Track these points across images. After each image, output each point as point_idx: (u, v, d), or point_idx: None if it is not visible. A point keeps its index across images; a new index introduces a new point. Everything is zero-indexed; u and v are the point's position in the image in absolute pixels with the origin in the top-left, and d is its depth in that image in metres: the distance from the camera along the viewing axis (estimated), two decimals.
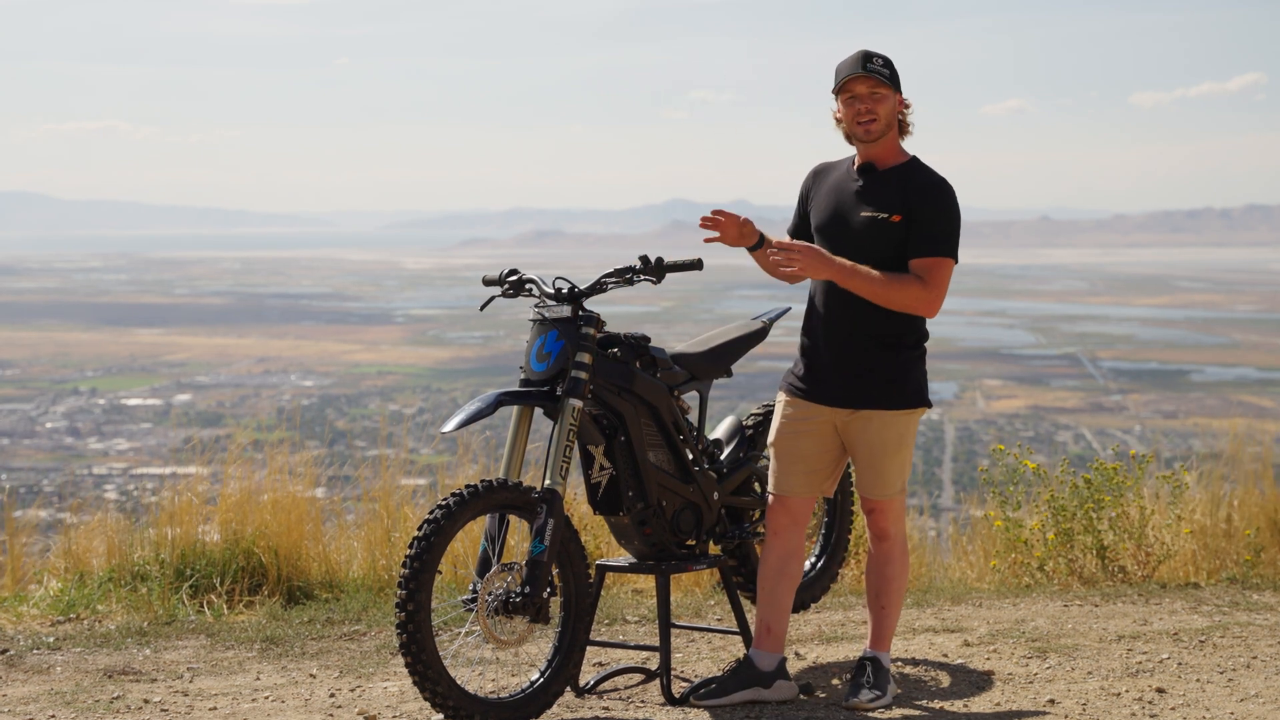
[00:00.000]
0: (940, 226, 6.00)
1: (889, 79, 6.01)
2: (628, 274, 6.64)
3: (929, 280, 5.98)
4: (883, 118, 6.03)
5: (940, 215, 6.00)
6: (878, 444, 6.19)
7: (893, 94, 6.04)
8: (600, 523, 8.81)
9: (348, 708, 6.55)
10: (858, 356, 6.18)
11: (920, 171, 6.10)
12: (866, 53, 6.03)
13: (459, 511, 6.02)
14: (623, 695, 6.70)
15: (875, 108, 6.01)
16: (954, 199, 6.04)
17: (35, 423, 57.30)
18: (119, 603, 8.58)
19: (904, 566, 6.42)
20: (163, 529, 9.02)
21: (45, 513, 10.79)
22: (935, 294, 6.00)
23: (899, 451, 6.23)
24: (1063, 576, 9.39)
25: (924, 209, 6.00)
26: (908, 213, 6.01)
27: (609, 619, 8.23)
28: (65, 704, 6.67)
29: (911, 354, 6.21)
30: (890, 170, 6.11)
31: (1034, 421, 59.03)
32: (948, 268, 6.01)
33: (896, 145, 6.15)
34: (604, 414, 6.55)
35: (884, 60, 6.02)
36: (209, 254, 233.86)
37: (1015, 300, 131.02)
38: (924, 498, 13.34)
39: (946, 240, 6.01)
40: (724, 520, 7.05)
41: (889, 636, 6.45)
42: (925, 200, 6.00)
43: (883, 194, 6.07)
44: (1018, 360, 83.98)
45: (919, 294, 5.97)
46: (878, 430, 6.18)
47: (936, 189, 6.03)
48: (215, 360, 76.90)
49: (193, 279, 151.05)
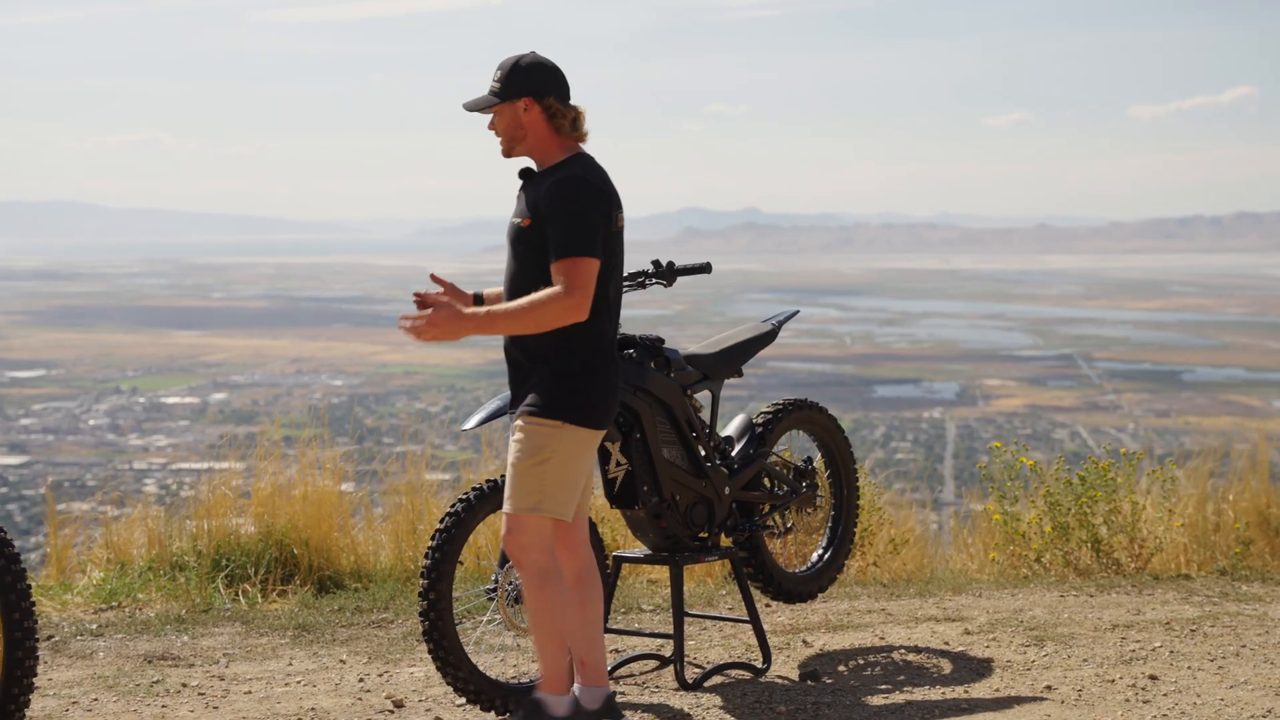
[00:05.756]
0: (565, 226, 5.36)
1: (497, 93, 5.50)
2: (641, 278, 6.65)
3: (567, 284, 5.33)
4: (501, 132, 5.55)
5: (564, 215, 5.37)
6: (520, 453, 5.47)
7: (508, 105, 5.50)
8: (617, 516, 8.80)
9: (376, 692, 6.56)
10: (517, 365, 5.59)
11: (559, 169, 5.50)
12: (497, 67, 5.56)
13: (479, 505, 6.06)
14: (638, 681, 6.70)
15: (494, 125, 5.57)
16: (579, 194, 5.40)
17: (79, 420, 57.45)
18: (158, 591, 8.59)
19: (539, 600, 5.53)
20: (200, 521, 9.05)
21: (88, 506, 10.78)
22: (578, 297, 5.32)
23: (536, 465, 5.45)
24: (1059, 568, 9.37)
25: (549, 211, 5.40)
26: (539, 216, 5.44)
27: (625, 608, 8.23)
28: (107, 688, 6.68)
29: (567, 367, 5.49)
30: (541, 173, 5.57)
31: (1032, 420, 58.95)
32: (584, 266, 5.34)
33: (554, 147, 5.55)
34: (620, 412, 6.54)
35: (501, 73, 5.52)
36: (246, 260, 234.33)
37: (1014, 304, 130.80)
38: (925, 492, 13.33)
39: (574, 239, 5.35)
40: (735, 514, 7.05)
41: (548, 678, 5.65)
42: (549, 201, 5.41)
43: (525, 198, 5.55)
44: (1016, 361, 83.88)
45: (562, 303, 5.31)
46: (523, 439, 5.48)
47: (557, 188, 5.41)
48: (250, 361, 77.05)
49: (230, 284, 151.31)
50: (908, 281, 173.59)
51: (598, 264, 5.39)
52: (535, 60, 5.53)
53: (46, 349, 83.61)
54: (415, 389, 63.31)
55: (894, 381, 74.98)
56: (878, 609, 8.25)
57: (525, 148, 5.56)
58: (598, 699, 5.71)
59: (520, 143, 5.54)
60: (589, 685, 5.72)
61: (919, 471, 12.77)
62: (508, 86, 5.49)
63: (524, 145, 5.55)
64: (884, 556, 9.59)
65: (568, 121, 5.52)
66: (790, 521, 7.36)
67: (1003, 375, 76.92)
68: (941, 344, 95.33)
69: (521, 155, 5.59)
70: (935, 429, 56.35)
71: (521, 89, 5.49)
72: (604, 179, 5.51)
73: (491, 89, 5.52)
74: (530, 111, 5.50)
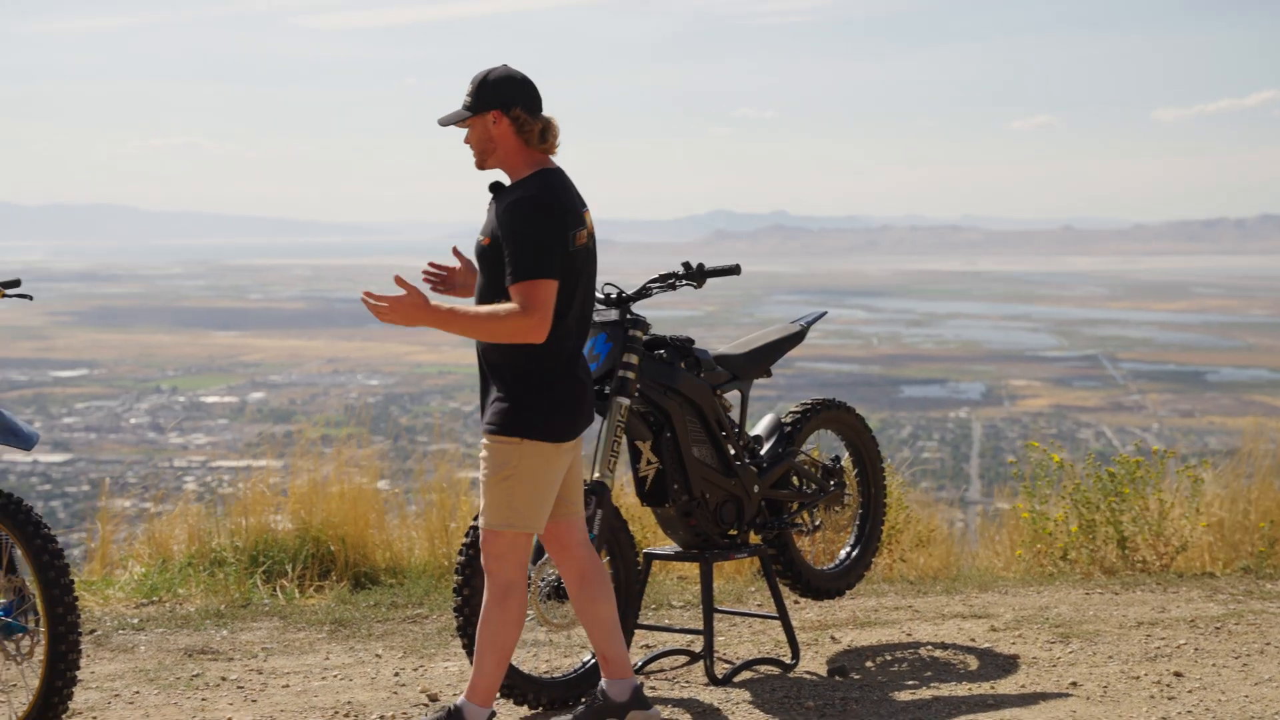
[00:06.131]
0: (520, 248, 5.27)
1: (469, 106, 5.44)
2: (671, 279, 6.65)
3: (524, 305, 5.24)
4: (472, 145, 5.50)
5: (518, 237, 5.28)
6: (487, 470, 5.43)
7: (478, 119, 5.44)
8: (648, 513, 8.80)
9: (411, 686, 6.58)
10: (486, 382, 5.50)
11: (518, 188, 5.42)
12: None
13: None
14: (669, 676, 6.70)
15: (467, 139, 5.51)
16: (533, 215, 5.31)
17: (121, 419, 57.65)
18: (198, 586, 8.63)
19: (493, 613, 5.47)
20: (238, 518, 9.08)
21: (130, 503, 10.85)
22: (535, 318, 5.23)
23: (501, 482, 5.39)
24: (1085, 566, 9.34)
25: (505, 232, 5.33)
26: (495, 236, 5.38)
27: (656, 604, 8.23)
28: (149, 681, 6.71)
29: (523, 383, 5.40)
30: (506, 189, 5.49)
31: (1057, 420, 58.69)
32: (541, 288, 5.24)
33: (521, 162, 5.48)
34: (651, 411, 6.56)
35: (472, 86, 5.46)
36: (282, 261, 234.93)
37: (1039, 305, 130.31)
38: (952, 491, 13.30)
39: (528, 261, 5.26)
40: (764, 512, 7.05)
41: (477, 688, 5.52)
42: (503, 222, 5.34)
43: (490, 215, 5.48)
44: (1042, 362, 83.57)
45: (520, 323, 5.23)
46: (487, 456, 5.43)
47: (511, 210, 5.34)
48: (287, 361, 77.20)
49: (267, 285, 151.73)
50: (933, 283, 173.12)
51: (555, 285, 5.30)
52: (505, 73, 5.47)
53: (89, 349, 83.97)
54: (449, 389, 63.34)
55: (920, 382, 74.78)
56: (905, 606, 8.24)
57: (496, 160, 5.50)
58: (625, 691, 5.69)
59: (491, 155, 5.49)
60: (614, 679, 5.69)
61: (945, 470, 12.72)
62: (477, 100, 5.44)
63: (495, 158, 5.49)
64: (911, 554, 9.58)
65: (536, 133, 5.44)
66: (818, 519, 7.36)
67: (1028, 375, 76.63)
68: (967, 345, 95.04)
69: (494, 167, 5.53)
70: (961, 429, 56.17)
71: (490, 102, 5.43)
72: (560, 197, 5.39)
73: (464, 103, 5.47)
74: (499, 124, 5.43)
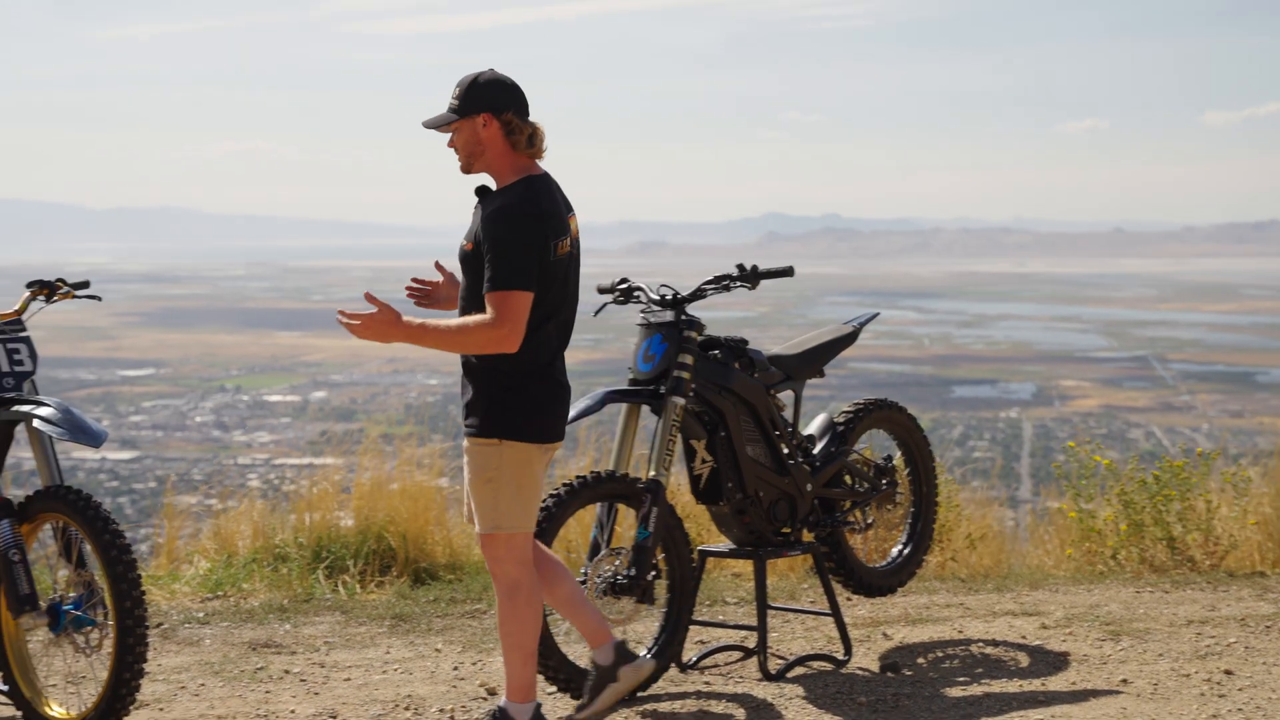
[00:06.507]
0: (498, 258, 5.18)
1: (456, 109, 5.32)
2: (725, 281, 6.65)
3: (497, 316, 5.15)
4: (459, 149, 5.36)
5: (497, 246, 5.19)
6: (468, 473, 5.39)
7: (467, 122, 5.32)
8: (702, 511, 8.80)
9: (470, 680, 6.60)
10: (466, 384, 5.40)
11: (500, 195, 5.33)
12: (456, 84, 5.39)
13: (569, 500, 6.08)
14: (723, 671, 6.70)
15: (453, 142, 5.38)
16: (513, 226, 5.22)
17: (186, 417, 58.08)
18: (262, 581, 8.68)
19: (508, 611, 5.43)
20: (301, 514, 9.13)
21: (195, 499, 10.92)
22: (507, 329, 5.15)
23: (485, 485, 5.35)
24: (1134, 565, 9.27)
25: (486, 240, 5.23)
26: (477, 243, 5.29)
27: (710, 600, 8.23)
28: (214, 673, 6.76)
29: (502, 385, 5.31)
30: (491, 194, 5.39)
31: (1107, 420, 58.27)
32: (515, 300, 5.15)
33: (508, 167, 5.37)
34: (705, 411, 6.55)
35: (460, 89, 5.34)
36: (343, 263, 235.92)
37: (1089, 307, 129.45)
38: (1002, 490, 13.22)
39: (504, 271, 5.17)
40: (817, 510, 7.03)
41: (514, 686, 5.48)
42: (485, 231, 5.25)
43: (473, 220, 5.38)
44: (1092, 363, 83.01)
45: (490, 334, 5.15)
46: (469, 459, 5.38)
47: (492, 218, 5.24)
48: (348, 360, 77.55)
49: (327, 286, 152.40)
50: (984, 284, 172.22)
51: (530, 296, 5.20)
52: (494, 77, 5.37)
53: (155, 349, 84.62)
54: None
55: (971, 382, 74.41)
56: (956, 603, 8.20)
57: (483, 164, 5.39)
58: (609, 654, 5.65)
59: (479, 159, 5.37)
60: (597, 646, 5.66)
61: (996, 470, 12.65)
62: (466, 102, 5.33)
63: (482, 161, 5.38)
64: (962, 552, 9.53)
65: (524, 138, 5.34)
66: (871, 518, 7.33)
67: (1078, 376, 76.14)
68: (1018, 345, 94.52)
69: (480, 171, 5.42)
70: (1012, 428, 55.84)
71: (480, 105, 5.32)
72: (544, 205, 5.29)
73: (451, 105, 5.36)
74: (489, 127, 5.32)
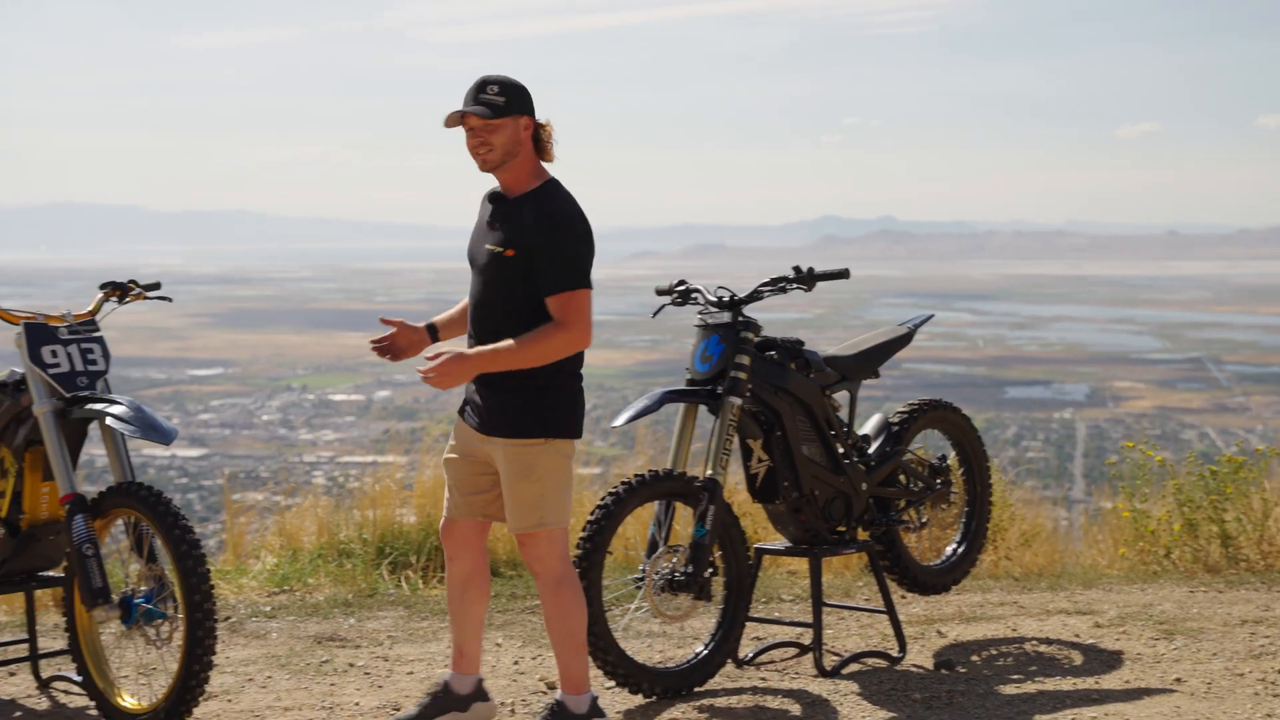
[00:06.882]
0: (560, 260, 5.17)
1: (503, 107, 5.20)
2: (782, 283, 6.63)
3: (566, 318, 5.17)
4: (498, 147, 5.22)
5: (559, 247, 5.17)
6: (509, 474, 5.33)
7: (511, 120, 5.22)
8: (758, 510, 8.78)
9: (530, 674, 6.61)
10: (495, 382, 5.31)
11: (544, 200, 5.26)
12: (484, 81, 5.23)
13: (628, 498, 6.08)
14: (779, 667, 6.69)
15: (490, 138, 5.21)
16: (573, 226, 5.22)
17: (253, 415, 58.43)
18: (327, 576, 8.72)
19: (558, 606, 5.42)
20: (365, 511, 9.17)
21: (262, 496, 10.99)
22: (578, 330, 5.18)
23: (531, 484, 5.31)
24: (1188, 564, 9.19)
25: (542, 243, 5.18)
26: (525, 247, 5.20)
27: (766, 597, 8.21)
28: (280, 666, 6.80)
29: (537, 384, 5.28)
30: (520, 199, 5.30)
31: (1161, 421, 57.76)
32: (583, 298, 5.18)
33: (529, 171, 5.32)
34: (762, 411, 6.55)
35: (501, 87, 5.21)
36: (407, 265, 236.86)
37: (1144, 309, 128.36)
38: (1056, 490, 13.14)
39: (570, 272, 5.17)
40: (872, 509, 7.01)
41: (571, 679, 5.47)
42: (541, 234, 5.18)
43: (505, 226, 5.27)
44: (1146, 364, 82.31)
45: (564, 338, 5.16)
46: (506, 459, 5.33)
47: (551, 220, 5.19)
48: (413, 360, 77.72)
49: (391, 288, 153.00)
50: (1038, 287, 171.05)
51: (591, 293, 5.24)
52: (519, 81, 5.30)
53: (224, 349, 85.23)
54: None
55: (1025, 383, 73.89)
56: (1010, 601, 8.15)
57: (515, 165, 5.29)
58: (469, 684, 5.65)
59: (513, 159, 5.27)
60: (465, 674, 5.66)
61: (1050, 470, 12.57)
62: (513, 102, 5.23)
63: (514, 163, 5.28)
64: (1016, 551, 9.48)
65: (548, 142, 5.34)
66: (925, 516, 7.31)
67: (1132, 378, 75.50)
68: (1071, 347, 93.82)
69: (503, 173, 5.31)
70: (1066, 429, 55.43)
71: (522, 106, 5.26)
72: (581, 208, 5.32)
73: (493, 103, 5.21)
74: (529, 130, 5.28)
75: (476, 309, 5.40)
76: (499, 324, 5.29)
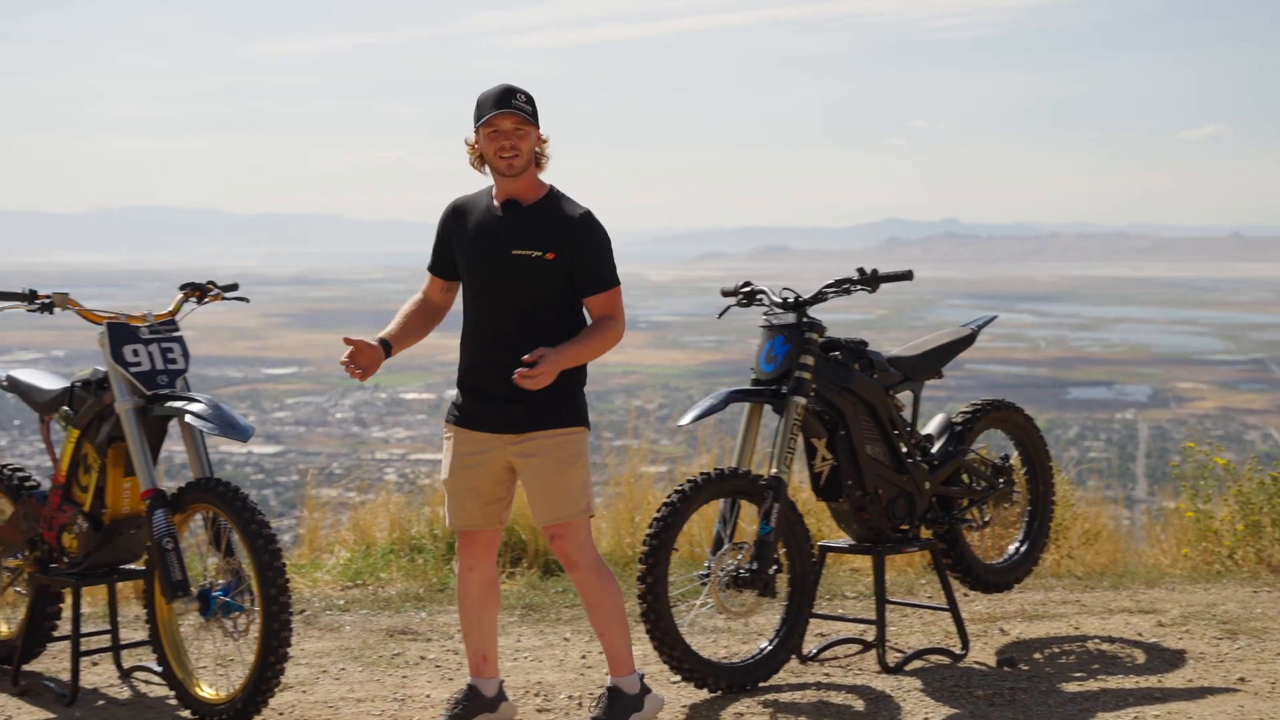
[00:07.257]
0: (600, 261, 5.37)
1: (531, 116, 5.31)
2: (846, 285, 6.61)
3: (615, 312, 5.40)
4: (525, 153, 5.31)
5: (596, 250, 5.35)
6: (555, 463, 5.38)
7: (534, 130, 5.33)
8: (822, 508, 8.75)
9: (597, 668, 6.62)
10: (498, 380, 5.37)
11: (566, 204, 5.41)
12: (510, 88, 5.31)
13: (694, 496, 6.09)
14: (842, 663, 6.67)
15: (519, 144, 5.29)
16: (600, 228, 5.40)
17: (327, 413, 58.81)
18: (399, 571, 8.77)
19: (603, 590, 5.49)
20: (436, 507, 9.21)
21: (335, 492, 11.05)
22: (623, 323, 5.43)
23: (575, 469, 5.41)
24: (1252, 565, 9.08)
25: (579, 247, 5.33)
26: (560, 250, 5.31)
27: (829, 595, 8.19)
28: (353, 658, 6.85)
29: (576, 376, 5.42)
30: (535, 205, 5.38)
31: (1224, 422, 57.09)
32: (619, 294, 5.44)
33: (535, 179, 5.42)
34: (826, 410, 6.53)
35: (527, 97, 5.32)
36: None
37: (1206, 310, 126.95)
38: (1118, 490, 13.02)
39: (611, 270, 5.41)
40: (935, 507, 6.98)
41: (621, 660, 5.54)
42: (577, 238, 5.33)
43: (532, 231, 5.34)
44: (1208, 365, 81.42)
45: (617, 331, 5.39)
46: (552, 449, 5.38)
47: (583, 225, 5.35)
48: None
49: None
50: (1101, 288, 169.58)
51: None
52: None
53: (299, 348, 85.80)
54: (633, 387, 63.59)
55: (1087, 384, 73.26)
56: (1072, 600, 8.09)
57: (523, 178, 5.38)
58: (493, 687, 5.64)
59: (524, 170, 5.37)
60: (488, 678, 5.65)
61: (1112, 470, 12.46)
62: (535, 113, 5.36)
63: (524, 175, 5.38)
64: (1078, 550, 9.40)
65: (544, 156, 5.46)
66: (988, 515, 7.27)
67: (1195, 379, 74.69)
68: (1134, 348, 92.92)
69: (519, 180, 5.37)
70: (1128, 430, 54.90)
71: (539, 121, 5.39)
72: None
73: (521, 107, 5.32)
74: (539, 144, 5.41)
75: (504, 312, 5.41)
76: (538, 324, 5.35)
